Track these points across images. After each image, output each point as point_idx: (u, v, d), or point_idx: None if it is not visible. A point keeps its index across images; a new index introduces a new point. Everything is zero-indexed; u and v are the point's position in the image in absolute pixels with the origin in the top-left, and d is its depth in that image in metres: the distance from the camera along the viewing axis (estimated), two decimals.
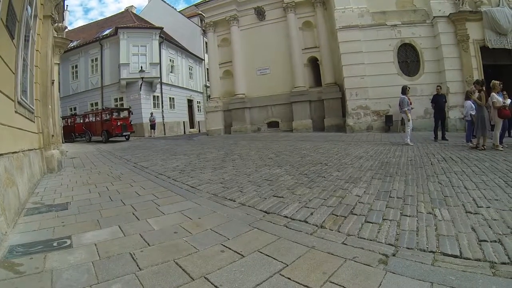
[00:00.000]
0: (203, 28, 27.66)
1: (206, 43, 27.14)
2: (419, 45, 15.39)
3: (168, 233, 3.03)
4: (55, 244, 2.79)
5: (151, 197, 4.52)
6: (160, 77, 26.52)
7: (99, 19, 37.52)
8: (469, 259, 2.34)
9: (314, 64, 19.03)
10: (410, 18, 15.61)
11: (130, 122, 20.72)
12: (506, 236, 2.68)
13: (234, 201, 4.20)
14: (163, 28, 27.29)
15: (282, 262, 2.35)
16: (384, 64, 15.27)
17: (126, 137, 20.42)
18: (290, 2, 18.63)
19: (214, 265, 2.32)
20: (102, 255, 2.53)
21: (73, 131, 22.82)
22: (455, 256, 2.38)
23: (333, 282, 2.06)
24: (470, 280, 2.03)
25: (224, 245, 2.70)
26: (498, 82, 8.68)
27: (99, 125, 20.28)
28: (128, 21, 27.38)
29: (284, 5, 18.85)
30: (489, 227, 2.90)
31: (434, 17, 15.02)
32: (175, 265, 2.34)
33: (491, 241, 2.60)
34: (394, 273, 2.15)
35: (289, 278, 2.11)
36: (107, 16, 35.11)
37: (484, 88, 9.01)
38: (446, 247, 2.53)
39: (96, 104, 26.58)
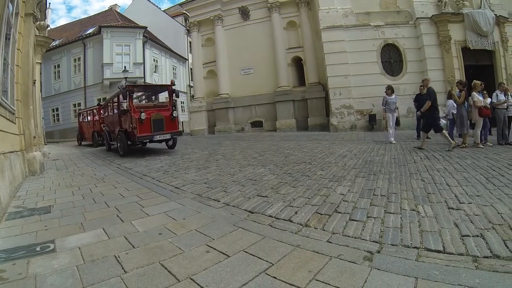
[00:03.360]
0: (188, 27, 27.50)
1: (190, 42, 26.96)
2: (402, 46, 15.67)
3: (153, 234, 3.00)
4: (38, 248, 2.73)
5: (135, 199, 4.47)
6: (144, 77, 26.25)
7: (82, 17, 36.84)
8: (452, 253, 2.40)
9: (298, 63, 19.18)
10: (394, 19, 15.87)
11: (173, 114, 10.69)
12: (487, 231, 2.75)
13: (219, 201, 4.19)
14: (147, 27, 27.07)
15: (267, 261, 2.35)
16: (367, 64, 15.48)
17: (170, 143, 11.49)
18: (274, 2, 18.75)
19: (200, 266, 2.31)
20: (86, 258, 2.49)
21: (98, 131, 15.88)
22: (439, 251, 2.44)
23: (319, 280, 2.07)
24: (454, 274, 2.08)
25: (209, 246, 2.69)
26: (479, 82, 8.91)
27: (116, 122, 11.47)
28: (112, 20, 27.05)
29: (269, 5, 18.96)
30: (471, 222, 2.98)
31: (417, 18, 15.32)
32: (160, 267, 2.33)
33: (473, 236, 2.67)
34: (379, 269, 2.18)
35: (274, 277, 2.12)
36: (91, 15, 34.65)
37: (465, 88, 9.22)
38: (430, 243, 2.58)
39: (79, 104, 26.10)
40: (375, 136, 12.62)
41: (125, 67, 22.87)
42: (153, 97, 12.86)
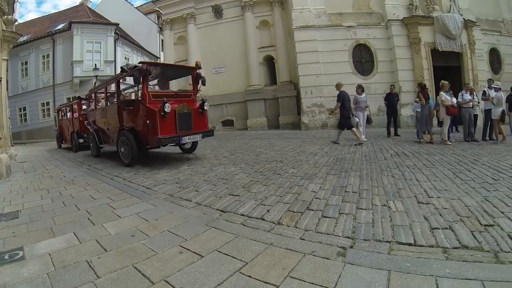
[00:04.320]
0: (160, 25, 27.06)
1: (162, 40, 26.50)
2: (374, 46, 16.02)
3: (125, 237, 2.95)
4: (6, 257, 2.63)
5: (107, 200, 4.37)
6: None
7: (52, 12, 35.33)
8: (423, 246, 2.49)
9: (270, 62, 19.26)
10: (366, 20, 16.21)
11: (204, 106, 8.00)
12: (456, 223, 2.89)
13: (190, 201, 4.15)
14: (119, 24, 26.38)
15: (241, 260, 2.36)
16: (339, 63, 15.73)
17: (187, 146, 8.96)
18: (248, 1, 18.74)
19: (174, 267, 2.29)
20: (57, 265, 2.41)
21: (77, 131, 12.74)
22: (410, 244, 2.53)
23: (293, 277, 2.09)
24: (425, 265, 2.18)
25: (182, 246, 2.67)
26: (446, 82, 9.30)
27: (113, 118, 8.52)
28: (83, 16, 26.18)
29: (242, 4, 18.93)
30: (440, 215, 3.11)
31: (389, 20, 15.71)
32: (134, 270, 2.29)
33: (442, 228, 2.79)
34: (352, 264, 2.24)
35: (249, 276, 2.12)
36: (61, 10, 33.28)
37: (425, 89, 9.84)
38: (401, 236, 2.67)
39: (48, 103, 25.18)
40: (347, 134, 12.80)
41: (95, 65, 22.19)
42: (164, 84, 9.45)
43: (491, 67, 17.95)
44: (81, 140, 12.47)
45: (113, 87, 8.90)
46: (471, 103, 9.66)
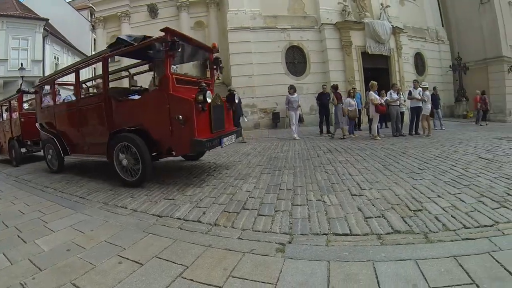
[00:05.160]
0: (93, 23, 25.53)
1: (95, 40, 24.93)
2: (307, 48, 16.69)
3: (60, 252, 2.76)
4: None
5: (38, 214, 4.03)
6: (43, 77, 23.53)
7: None
8: (359, 234, 2.68)
9: (202, 63, 19.14)
10: (300, 23, 16.83)
11: (235, 99, 6.29)
12: (388, 211, 3.15)
13: (126, 208, 3.99)
14: (48, 20, 24.12)
15: (182, 264, 2.34)
16: (272, 64, 16.12)
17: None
18: (184, 1, 18.61)
19: (114, 279, 2.21)
20: None
21: (17, 137, 9.32)
22: (346, 235, 2.70)
23: (235, 277, 2.13)
24: (362, 252, 2.35)
25: (121, 256, 2.57)
26: (375, 82, 10.12)
27: (95, 117, 5.94)
28: (9, 8, 23.29)
29: (178, 4, 18.77)
30: (373, 205, 3.35)
31: (322, 24, 16.48)
32: (72, 287, 2.16)
33: (375, 217, 3.02)
34: (292, 258, 2.33)
35: (191, 280, 2.12)
36: None
37: (337, 90, 11.06)
38: (337, 228, 2.83)
39: None
40: (279, 133, 13.09)
41: (21, 64, 20.09)
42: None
43: (416, 69, 19.96)
44: (23, 150, 9.42)
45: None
46: (398, 102, 10.54)
